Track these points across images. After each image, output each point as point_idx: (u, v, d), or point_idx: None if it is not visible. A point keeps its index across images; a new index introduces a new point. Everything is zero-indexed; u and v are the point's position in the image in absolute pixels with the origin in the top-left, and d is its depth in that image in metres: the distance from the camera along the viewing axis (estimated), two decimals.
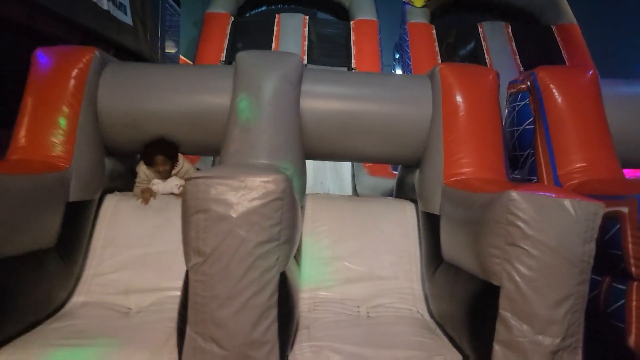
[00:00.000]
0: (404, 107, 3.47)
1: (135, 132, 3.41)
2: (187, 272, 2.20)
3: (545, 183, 3.30)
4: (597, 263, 2.65)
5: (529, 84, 3.56)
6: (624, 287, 2.46)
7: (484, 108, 3.32)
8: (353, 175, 7.32)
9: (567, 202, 2.17)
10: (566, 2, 9.10)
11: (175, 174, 3.52)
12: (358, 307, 3.04)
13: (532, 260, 2.16)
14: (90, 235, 3.25)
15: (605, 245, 2.59)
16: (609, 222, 2.56)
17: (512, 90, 3.83)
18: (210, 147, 3.53)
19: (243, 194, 2.13)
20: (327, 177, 7.89)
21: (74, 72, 3.20)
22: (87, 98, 3.22)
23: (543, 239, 2.15)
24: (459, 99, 3.31)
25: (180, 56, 13.19)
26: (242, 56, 3.39)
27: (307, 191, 3.68)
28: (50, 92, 3.15)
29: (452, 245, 2.81)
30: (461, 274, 2.62)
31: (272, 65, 3.34)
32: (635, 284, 2.41)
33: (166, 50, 13.01)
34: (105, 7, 7.48)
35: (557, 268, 2.15)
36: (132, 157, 3.89)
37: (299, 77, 3.42)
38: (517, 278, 2.18)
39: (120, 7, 8.17)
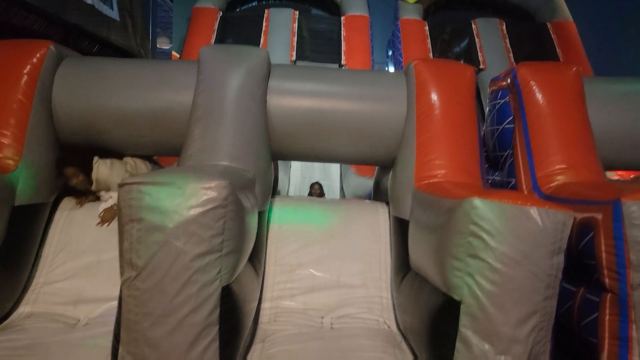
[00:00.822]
0: (377, 104, 3.30)
1: (93, 131, 3.24)
2: (121, 286, 2.03)
3: (523, 185, 3.12)
4: (571, 272, 2.50)
5: (509, 81, 3.38)
6: (597, 299, 2.29)
7: (460, 106, 3.14)
8: (341, 174, 7.17)
9: (533, 211, 1.99)
10: None
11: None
12: (322, 317, 2.87)
13: (495, 274, 1.99)
14: (43, 241, 3.09)
15: (579, 253, 2.42)
16: (583, 229, 2.39)
17: (494, 88, 3.64)
18: (174, 147, 3.35)
19: (181, 201, 1.96)
20: (315, 176, 7.75)
21: (26, 68, 3.03)
22: (40, 95, 3.05)
23: (507, 250, 1.98)
24: (433, 96, 3.14)
25: (173, 52, 13.06)
26: (205, 51, 3.21)
27: (296, 190, 3.52)
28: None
29: (417, 254, 2.64)
30: (425, 286, 2.45)
31: (236, 61, 3.17)
32: (608, 296, 2.23)
33: (159, 46, 12.91)
34: (89, 1, 7.33)
35: (522, 282, 1.98)
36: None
37: (266, 73, 3.24)
38: (479, 293, 2.01)
39: (106, 1, 8.01)
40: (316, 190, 5.82)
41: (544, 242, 1.98)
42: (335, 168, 7.59)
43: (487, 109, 3.71)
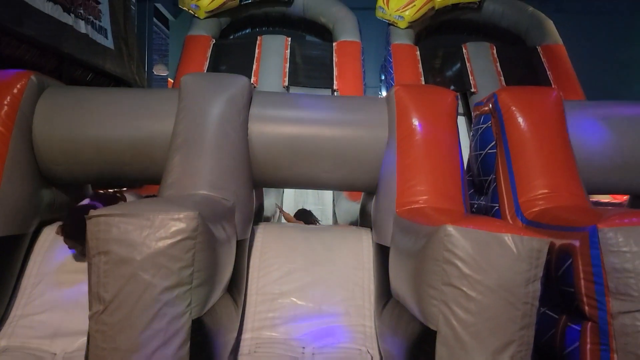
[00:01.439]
0: (359, 130, 3.30)
1: (74, 161, 3.23)
2: (89, 321, 1.99)
3: (506, 210, 3.09)
4: (553, 300, 2.46)
5: (490, 106, 3.39)
6: (578, 328, 2.24)
7: (442, 131, 3.14)
8: (334, 199, 7.15)
9: (507, 238, 1.97)
10: (552, 22, 9.02)
11: None
12: (303, 347, 2.82)
13: (470, 303, 1.95)
14: (22, 272, 3.06)
15: (559, 281, 2.38)
16: (563, 255, 2.36)
17: (477, 113, 3.64)
18: (156, 176, 3.33)
19: (149, 233, 1.94)
20: (309, 200, 7.73)
21: (6, 99, 3.04)
22: (20, 125, 3.05)
23: (481, 278, 1.95)
24: (414, 121, 3.14)
25: (169, 79, 13.18)
26: (186, 79, 3.22)
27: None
28: None
29: (397, 281, 2.60)
30: (404, 314, 2.41)
31: (216, 88, 3.18)
32: (589, 324, 2.19)
33: (156, 73, 13.05)
34: (83, 30, 7.42)
35: (497, 311, 1.94)
36: (79, 186, 3.72)
37: (247, 100, 3.25)
38: (454, 322, 1.97)
39: (101, 30, 8.11)
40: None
41: (519, 270, 1.95)
42: (328, 193, 7.57)
43: (472, 134, 3.71)
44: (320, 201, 7.65)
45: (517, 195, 3.04)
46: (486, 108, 3.46)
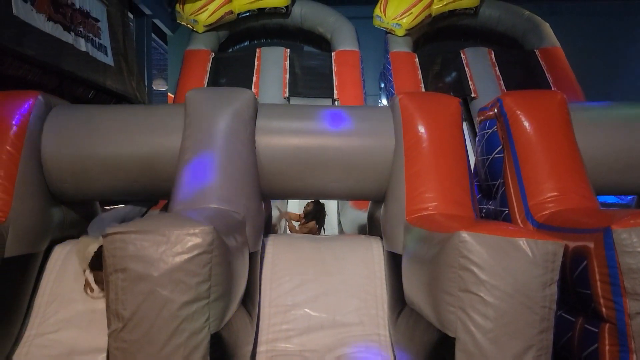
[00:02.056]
0: (365, 140, 3.31)
1: (83, 179, 3.25)
2: (108, 339, 2.00)
3: (517, 214, 3.10)
4: (569, 302, 2.46)
5: (495, 110, 3.40)
6: (596, 330, 2.24)
7: (448, 138, 3.16)
8: (339, 209, 7.14)
9: (522, 243, 1.98)
10: (548, 25, 9.08)
11: None
12: (319, 359, 2.81)
13: (488, 308, 1.96)
14: (35, 291, 3.05)
15: (575, 283, 2.38)
16: (577, 257, 2.36)
17: (481, 118, 3.67)
18: (164, 191, 3.34)
19: (165, 249, 1.95)
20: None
21: (14, 119, 3.06)
22: (29, 145, 3.07)
23: (498, 284, 1.95)
24: (420, 129, 3.15)
25: (169, 94, 13.24)
26: (191, 94, 3.24)
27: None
28: None
29: (411, 289, 2.60)
30: (421, 322, 2.41)
31: (222, 102, 3.20)
32: (607, 326, 2.19)
33: (155, 88, 13.09)
34: (83, 48, 7.45)
35: (516, 316, 1.95)
36: (88, 203, 3.72)
37: (253, 113, 3.27)
38: (473, 328, 1.97)
39: (101, 48, 8.15)
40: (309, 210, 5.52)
41: (535, 274, 1.96)
42: (333, 202, 7.57)
43: (477, 139, 3.73)
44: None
45: (527, 198, 3.05)
46: (491, 113, 3.48)
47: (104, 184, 3.28)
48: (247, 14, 9.18)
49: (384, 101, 9.82)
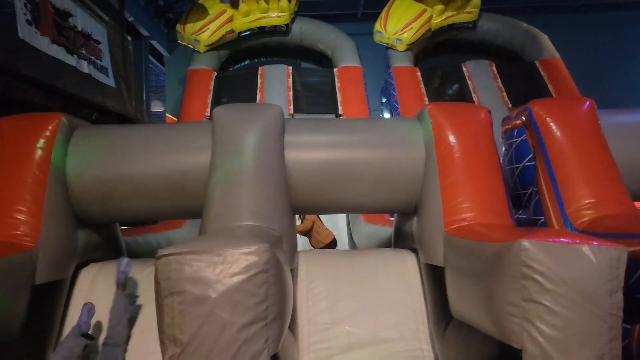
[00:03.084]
0: (395, 151, 3.27)
1: (110, 201, 3.17)
2: None
3: (554, 222, 3.06)
4: (625, 309, 2.40)
5: (524, 119, 3.39)
6: None
7: (480, 147, 3.12)
8: (348, 224, 7.07)
9: (586, 249, 1.94)
10: (546, 37, 9.18)
11: None
12: None
13: (555, 318, 1.90)
14: (63, 318, 2.95)
15: (630, 289, 2.33)
16: (632, 263, 2.31)
17: (507, 127, 3.65)
18: (193, 211, 3.28)
19: (222, 269, 1.88)
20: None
21: (40, 142, 2.99)
22: (55, 168, 2.99)
23: (564, 292, 1.90)
24: (452, 139, 3.12)
25: (167, 114, 13.17)
26: (220, 111, 3.20)
27: (304, 242, 3.41)
28: (14, 165, 2.93)
29: (461, 302, 2.54)
30: (475, 334, 2.34)
31: (251, 118, 3.15)
32: None
33: (153, 110, 13.03)
34: (86, 70, 7.42)
35: (584, 325, 1.89)
36: (109, 225, 3.64)
37: (281, 128, 3.23)
38: (541, 339, 1.91)
39: (102, 69, 8.12)
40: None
41: (601, 281, 1.91)
42: (342, 217, 7.50)
43: (503, 149, 3.70)
44: (334, 226, 7.57)
45: (564, 206, 3.01)
46: (518, 121, 3.46)
47: (131, 205, 3.21)
48: (248, 32, 9.21)
49: (387, 115, 9.84)
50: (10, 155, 2.94)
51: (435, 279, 2.92)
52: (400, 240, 3.74)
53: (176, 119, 10.79)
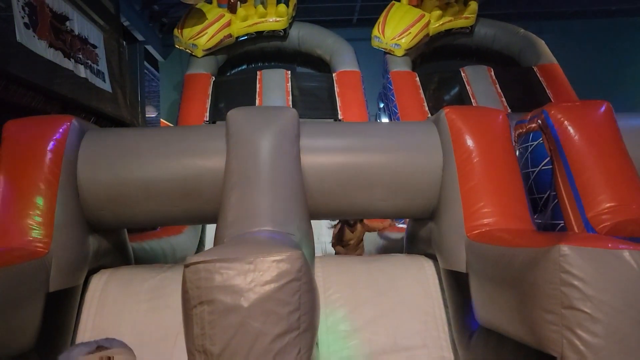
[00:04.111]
0: (412, 156, 3.22)
1: (121, 205, 3.08)
2: None
3: (574, 226, 3.02)
4: None
5: (540, 122, 3.35)
6: None
7: (500, 151, 3.08)
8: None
9: (627, 254, 1.89)
10: (544, 42, 9.24)
11: None
12: None
13: (597, 325, 1.84)
14: (76, 327, 2.85)
15: None
16: None
17: (521, 131, 3.61)
18: (207, 215, 3.21)
19: (253, 277, 1.81)
20: (324, 231, 7.55)
21: (50, 145, 2.89)
22: (66, 172, 2.90)
23: (606, 299, 1.85)
24: (470, 143, 3.07)
25: (161, 120, 13.05)
26: (234, 114, 3.12)
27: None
28: (24, 169, 2.82)
29: (489, 309, 2.48)
30: (506, 343, 2.28)
31: (267, 122, 3.08)
32: None
33: (147, 115, 12.91)
34: (82, 75, 7.33)
35: (627, 332, 1.84)
36: (118, 230, 3.54)
37: (297, 131, 3.16)
38: (582, 347, 1.85)
39: (99, 74, 8.04)
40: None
41: None
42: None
43: (518, 152, 3.66)
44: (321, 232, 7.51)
45: (584, 210, 2.97)
46: (534, 125, 3.42)
47: (144, 210, 3.12)
48: (246, 37, 9.16)
49: (385, 119, 9.82)
50: (21, 158, 2.84)
51: (457, 285, 2.87)
52: (415, 245, 3.69)
53: (170, 124, 10.70)
